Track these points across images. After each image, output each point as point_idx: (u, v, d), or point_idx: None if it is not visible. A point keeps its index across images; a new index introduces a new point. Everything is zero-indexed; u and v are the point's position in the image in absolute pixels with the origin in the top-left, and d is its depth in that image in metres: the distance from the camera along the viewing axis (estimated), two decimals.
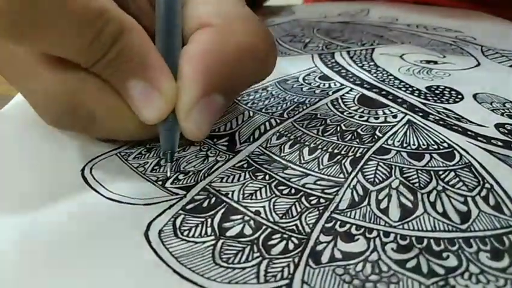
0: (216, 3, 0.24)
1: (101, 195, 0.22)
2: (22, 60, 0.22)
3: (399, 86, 0.31)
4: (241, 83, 0.25)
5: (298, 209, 0.21)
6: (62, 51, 0.21)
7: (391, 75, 0.33)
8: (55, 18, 0.19)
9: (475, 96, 0.30)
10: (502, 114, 0.28)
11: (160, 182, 0.22)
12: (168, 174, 0.23)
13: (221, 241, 0.19)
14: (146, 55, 0.22)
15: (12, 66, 0.23)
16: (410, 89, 0.31)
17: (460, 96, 0.30)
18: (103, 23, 0.20)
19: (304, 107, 0.29)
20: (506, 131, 0.26)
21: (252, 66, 0.24)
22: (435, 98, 0.30)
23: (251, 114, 0.28)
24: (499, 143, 0.25)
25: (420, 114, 0.28)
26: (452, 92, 0.30)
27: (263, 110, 0.29)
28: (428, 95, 0.30)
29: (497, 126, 0.27)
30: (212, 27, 0.23)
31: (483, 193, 0.21)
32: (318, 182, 0.22)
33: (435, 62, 0.35)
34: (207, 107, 0.22)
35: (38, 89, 0.22)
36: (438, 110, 0.28)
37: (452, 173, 0.23)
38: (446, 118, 0.27)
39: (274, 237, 0.19)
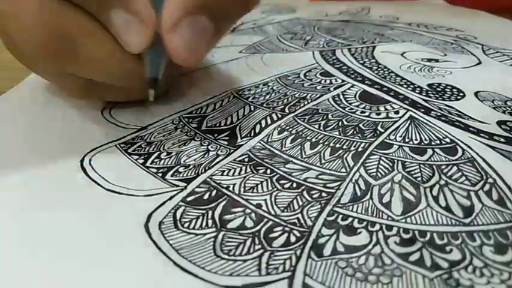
0: None
1: (101, 186, 0.21)
2: None
3: (401, 83, 0.31)
4: (227, 9, 0.25)
5: (300, 203, 0.20)
6: None
7: (392, 72, 0.33)
8: None
9: (476, 94, 0.30)
10: (504, 112, 0.28)
11: (160, 174, 0.22)
12: (151, 99, 0.23)
13: (222, 233, 0.19)
14: None
15: None
16: (412, 86, 0.31)
17: (461, 94, 0.30)
18: None
19: (306, 102, 0.29)
20: (508, 128, 0.26)
21: None
22: (436, 96, 0.29)
23: (252, 108, 0.28)
24: (502, 139, 0.25)
25: (422, 110, 0.28)
26: (454, 90, 0.30)
27: (264, 105, 0.28)
28: (429, 92, 0.30)
29: (499, 123, 0.26)
30: None
31: (486, 188, 0.21)
32: (320, 176, 0.22)
33: (437, 60, 0.35)
34: (193, 25, 0.22)
35: (26, 10, 0.22)
36: (440, 106, 0.28)
37: (455, 168, 0.23)
38: (448, 114, 0.27)
39: (275, 230, 0.19)
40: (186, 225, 0.19)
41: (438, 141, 0.25)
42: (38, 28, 0.22)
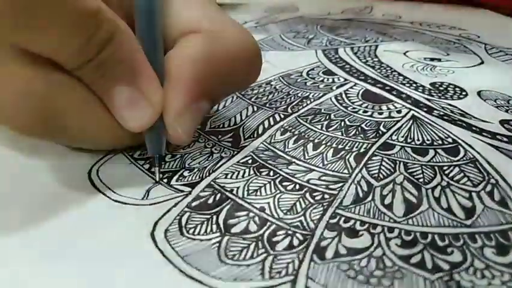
0: (201, 8, 0.24)
1: (108, 197, 0.21)
2: None
3: (403, 82, 0.31)
4: (227, 90, 0.25)
5: (303, 205, 0.21)
6: (55, 50, 0.19)
7: (395, 71, 0.33)
8: (56, 16, 0.18)
9: (479, 93, 0.30)
10: (507, 111, 0.28)
11: (165, 180, 0.22)
12: (157, 179, 0.22)
13: (226, 238, 0.19)
14: (135, 60, 0.21)
15: None
16: (414, 85, 0.31)
17: (464, 93, 0.30)
18: (99, 23, 0.19)
19: (308, 102, 0.29)
20: (511, 127, 0.26)
21: (239, 73, 0.24)
22: (439, 95, 0.30)
23: (255, 109, 0.28)
24: (504, 139, 0.25)
25: (425, 109, 0.28)
26: (456, 89, 0.30)
27: (267, 105, 0.29)
28: (432, 91, 0.30)
29: (502, 122, 0.27)
30: (201, 32, 0.22)
31: (488, 188, 0.21)
32: (323, 178, 0.22)
33: (439, 60, 0.35)
34: (195, 113, 0.22)
35: (9, 87, 0.20)
36: (443, 105, 0.28)
37: (457, 169, 0.23)
38: (451, 114, 0.27)
39: (279, 233, 0.19)
40: (191, 231, 0.19)
41: (440, 142, 0.25)
42: (24, 108, 0.20)
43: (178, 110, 0.21)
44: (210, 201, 0.21)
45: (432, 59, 0.35)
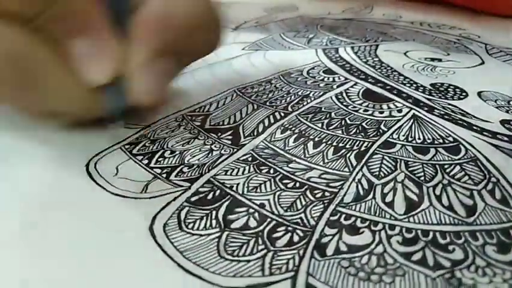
0: None
1: (106, 190, 0.21)
2: None
3: (404, 82, 0.31)
4: (189, 51, 0.25)
5: (303, 202, 0.21)
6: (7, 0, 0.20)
7: (395, 71, 0.33)
8: None
9: (479, 94, 0.30)
10: (507, 112, 0.28)
11: (164, 175, 0.22)
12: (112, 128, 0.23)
13: (226, 233, 0.19)
14: (92, 13, 0.21)
15: None
16: (415, 85, 0.31)
17: (464, 94, 0.30)
18: None
19: (309, 101, 0.29)
20: (511, 127, 0.26)
21: (200, 34, 0.25)
22: (439, 95, 0.29)
23: (255, 107, 0.28)
24: (505, 138, 0.25)
25: (426, 108, 0.28)
26: (457, 90, 0.30)
27: (267, 103, 0.29)
28: (432, 91, 0.30)
29: (502, 122, 0.26)
30: None
31: (489, 187, 0.21)
32: (323, 176, 0.22)
33: (440, 60, 0.35)
34: (157, 68, 0.23)
35: None
36: (443, 105, 0.28)
37: (458, 167, 0.23)
38: (451, 113, 0.27)
39: (279, 229, 0.19)
40: (190, 226, 0.19)
41: (441, 140, 0.25)
42: None
43: (140, 63, 0.22)
44: (210, 196, 0.21)
45: (432, 59, 0.35)
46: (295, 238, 0.19)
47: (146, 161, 0.23)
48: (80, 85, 0.22)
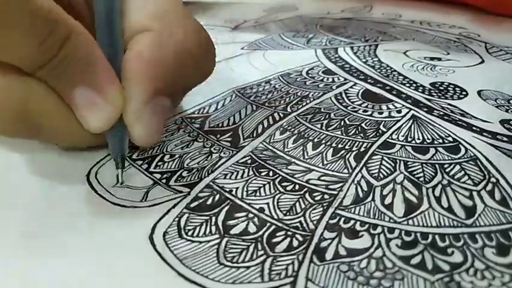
0: (155, 6, 0.24)
1: (107, 200, 0.21)
2: None
3: (403, 81, 0.31)
4: (183, 84, 0.25)
5: (302, 206, 0.21)
6: (8, 54, 0.20)
7: (395, 71, 0.33)
8: (7, 19, 0.18)
9: (479, 93, 0.30)
10: (507, 111, 0.28)
11: (164, 180, 0.22)
12: (120, 180, 0.22)
13: (225, 239, 0.19)
14: (93, 60, 0.21)
15: None
16: (414, 85, 0.31)
17: (464, 93, 0.30)
18: (53, 24, 0.19)
19: (308, 101, 0.29)
20: (511, 127, 0.26)
21: (192, 66, 0.24)
22: (439, 94, 0.29)
23: (254, 108, 0.28)
24: (504, 139, 0.25)
25: (425, 109, 0.28)
26: (457, 89, 0.30)
27: (266, 104, 0.29)
28: (432, 91, 0.30)
29: (502, 122, 0.26)
30: (151, 31, 0.23)
31: (489, 187, 0.21)
32: (322, 178, 0.22)
33: (439, 59, 0.35)
34: (155, 110, 0.22)
35: None
36: (443, 105, 0.28)
37: (458, 167, 0.23)
38: (451, 114, 0.27)
39: (278, 234, 0.19)
40: (190, 233, 0.19)
41: (441, 140, 0.25)
42: (4, 116, 0.21)
43: (136, 108, 0.22)
44: (209, 201, 0.21)
45: (432, 58, 0.35)
46: (295, 243, 0.19)
47: (146, 166, 0.23)
48: (83, 131, 0.22)
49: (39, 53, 0.20)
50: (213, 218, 0.20)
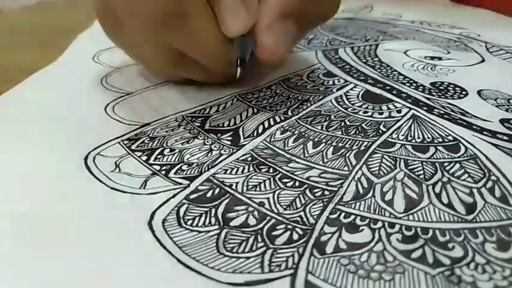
0: None
1: (105, 184, 0.21)
2: None
3: (404, 81, 0.31)
4: (312, 17, 0.29)
5: (303, 201, 0.21)
6: None
7: (395, 71, 0.33)
8: None
9: (479, 92, 0.30)
10: (507, 110, 0.28)
11: (163, 172, 0.22)
12: (237, 76, 0.27)
13: (225, 230, 0.19)
14: None
15: None
16: (414, 84, 0.31)
17: (464, 93, 0.30)
18: None
19: (309, 105, 0.29)
20: (511, 126, 0.26)
21: (317, 2, 0.28)
22: (439, 94, 0.29)
23: (255, 110, 0.28)
24: (505, 137, 0.25)
25: (425, 108, 0.28)
26: (457, 88, 0.30)
27: (267, 108, 0.29)
28: (432, 90, 0.30)
29: (502, 121, 0.26)
30: None
31: (489, 185, 0.21)
32: (323, 175, 0.22)
33: (440, 58, 0.35)
34: (283, 28, 0.26)
35: None
36: (443, 104, 0.28)
37: (458, 165, 0.23)
38: (451, 112, 0.27)
39: (278, 227, 0.19)
40: (189, 222, 0.19)
41: (441, 139, 0.25)
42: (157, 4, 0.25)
43: (267, 23, 0.26)
44: (209, 194, 0.21)
45: (432, 58, 0.35)
46: (295, 236, 0.19)
47: (145, 157, 0.23)
48: (219, 33, 0.26)
49: None
50: (213, 210, 0.20)
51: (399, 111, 0.27)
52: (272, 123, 0.27)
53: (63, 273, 0.17)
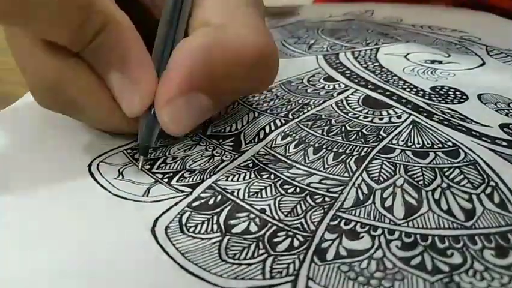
0: (221, 3, 0.24)
1: (108, 191, 0.22)
2: (22, 39, 0.23)
3: (404, 86, 0.31)
4: (231, 89, 0.24)
5: (304, 208, 0.21)
6: (51, 34, 0.21)
7: (395, 75, 0.33)
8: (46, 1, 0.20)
9: (479, 96, 0.30)
10: (507, 115, 0.28)
11: (166, 180, 0.23)
12: (139, 168, 0.23)
13: (227, 237, 0.19)
14: (128, 49, 0.22)
15: (15, 45, 0.24)
16: (415, 89, 0.31)
17: (464, 97, 0.30)
18: (89, 13, 0.21)
19: (309, 108, 0.29)
20: (510, 131, 0.26)
21: (245, 70, 0.23)
22: (439, 99, 0.30)
23: (256, 115, 0.28)
24: (504, 143, 0.25)
25: (425, 114, 0.28)
26: (457, 93, 0.30)
27: (268, 111, 0.29)
28: (432, 95, 0.30)
29: (502, 126, 0.27)
30: (209, 26, 0.23)
31: (488, 191, 0.21)
32: (323, 181, 0.22)
33: (440, 62, 0.35)
34: (187, 104, 0.22)
35: (30, 67, 0.23)
36: (443, 110, 0.28)
37: (457, 170, 0.23)
38: (451, 118, 0.27)
39: (279, 234, 0.19)
40: (192, 229, 0.20)
41: (440, 145, 0.25)
42: (40, 85, 0.23)
43: (166, 99, 0.22)
44: (211, 202, 0.21)
45: (433, 62, 0.35)
46: (296, 243, 0.19)
47: (148, 167, 0.24)
48: (118, 112, 0.23)
49: (77, 37, 0.21)
50: (215, 217, 0.20)
51: (399, 117, 0.28)
52: (273, 128, 0.27)
53: (64, 277, 0.17)
